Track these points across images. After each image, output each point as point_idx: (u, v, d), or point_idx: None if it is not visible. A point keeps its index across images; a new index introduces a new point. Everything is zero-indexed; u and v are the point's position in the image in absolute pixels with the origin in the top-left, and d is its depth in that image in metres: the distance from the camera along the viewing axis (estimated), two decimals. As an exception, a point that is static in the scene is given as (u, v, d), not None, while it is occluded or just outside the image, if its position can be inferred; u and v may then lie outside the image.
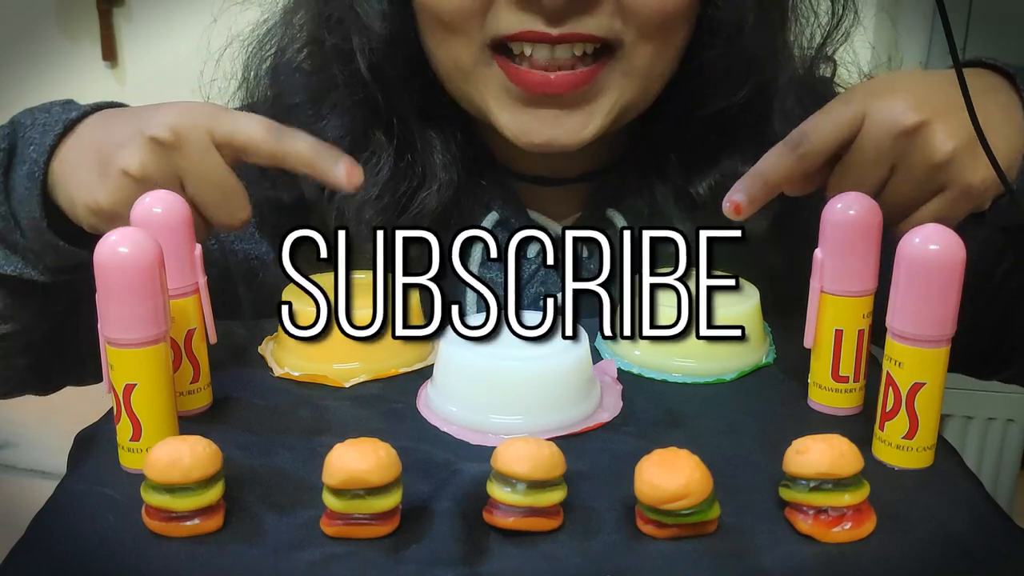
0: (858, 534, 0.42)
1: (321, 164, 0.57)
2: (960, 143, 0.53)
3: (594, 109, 0.62)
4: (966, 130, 0.53)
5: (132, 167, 0.56)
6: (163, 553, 0.41)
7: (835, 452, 0.41)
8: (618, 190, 0.71)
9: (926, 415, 0.47)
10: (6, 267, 0.62)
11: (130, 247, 0.44)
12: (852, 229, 0.50)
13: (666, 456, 0.41)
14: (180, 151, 0.56)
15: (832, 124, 0.56)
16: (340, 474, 0.40)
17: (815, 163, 0.57)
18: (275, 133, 0.57)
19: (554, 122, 0.62)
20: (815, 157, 0.56)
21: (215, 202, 0.58)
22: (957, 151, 0.53)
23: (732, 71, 0.65)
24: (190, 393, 0.52)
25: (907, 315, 0.46)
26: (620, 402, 0.54)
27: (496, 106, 0.63)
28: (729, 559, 0.41)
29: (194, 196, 0.57)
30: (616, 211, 0.71)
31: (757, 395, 0.56)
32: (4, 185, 0.60)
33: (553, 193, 0.72)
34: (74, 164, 0.59)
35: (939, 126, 0.53)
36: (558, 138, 0.62)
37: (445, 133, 0.68)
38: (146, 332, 0.45)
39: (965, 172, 0.54)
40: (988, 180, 0.54)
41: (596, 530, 0.42)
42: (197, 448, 0.42)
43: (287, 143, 0.57)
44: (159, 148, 0.56)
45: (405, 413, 0.53)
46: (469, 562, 0.40)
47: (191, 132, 0.56)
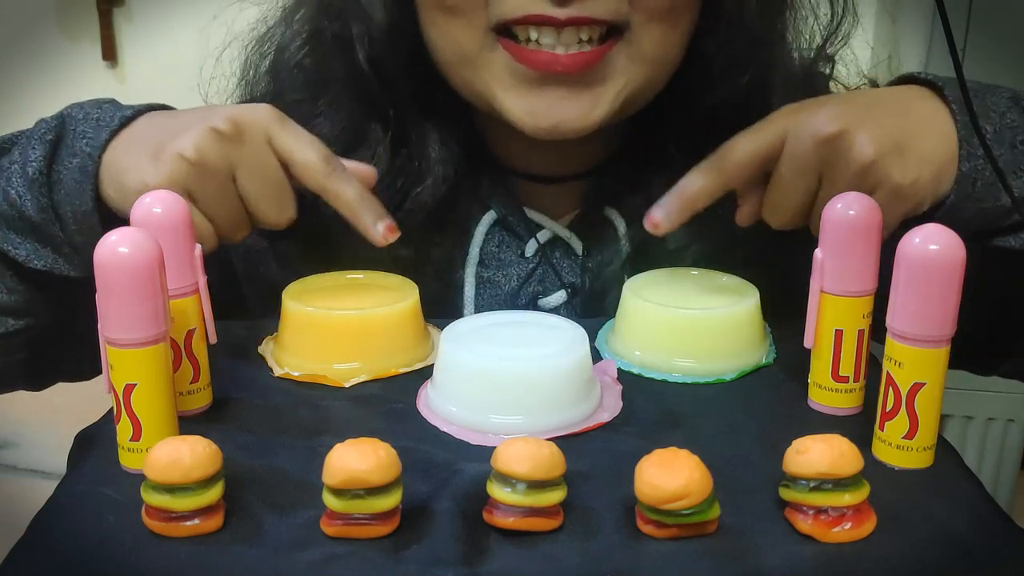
0: (858, 534, 0.42)
1: (363, 218, 0.59)
2: (882, 147, 0.54)
3: (602, 91, 0.61)
4: (889, 136, 0.54)
5: (188, 150, 0.56)
6: (163, 553, 0.41)
7: (835, 452, 0.41)
8: (615, 187, 0.71)
9: (926, 415, 0.47)
10: (36, 261, 0.61)
11: (130, 247, 0.44)
12: (852, 229, 0.50)
13: (666, 456, 0.41)
14: (238, 143, 0.57)
15: (751, 140, 0.57)
16: (340, 474, 0.40)
17: (736, 179, 0.58)
18: (328, 167, 0.58)
19: (561, 104, 0.61)
20: (735, 172, 0.57)
21: (266, 197, 0.58)
22: (880, 154, 0.54)
23: (733, 58, 0.65)
24: (190, 393, 0.52)
25: (907, 315, 0.46)
26: (620, 402, 0.54)
27: (501, 90, 0.62)
28: (729, 559, 0.41)
29: (245, 188, 0.58)
30: (614, 209, 0.71)
31: (757, 395, 0.56)
32: (47, 178, 0.60)
33: (550, 191, 0.72)
34: (126, 154, 0.59)
35: (859, 133, 0.54)
36: (565, 121, 0.61)
37: (443, 128, 0.68)
38: (146, 332, 0.45)
39: (893, 174, 0.55)
40: (920, 182, 0.55)
41: (596, 530, 0.42)
42: (197, 448, 0.42)
43: (336, 183, 0.58)
44: (218, 137, 0.56)
45: (405, 413, 0.53)
46: (469, 562, 0.40)
47: (252, 127, 0.57)
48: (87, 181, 0.58)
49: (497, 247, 0.71)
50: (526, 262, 0.71)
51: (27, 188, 0.59)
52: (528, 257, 0.71)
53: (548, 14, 0.58)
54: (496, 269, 0.71)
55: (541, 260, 0.71)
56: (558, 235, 0.72)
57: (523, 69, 0.60)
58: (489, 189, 0.71)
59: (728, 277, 0.63)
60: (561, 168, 0.71)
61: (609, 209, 0.71)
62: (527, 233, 0.71)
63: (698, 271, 0.64)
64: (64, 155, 0.60)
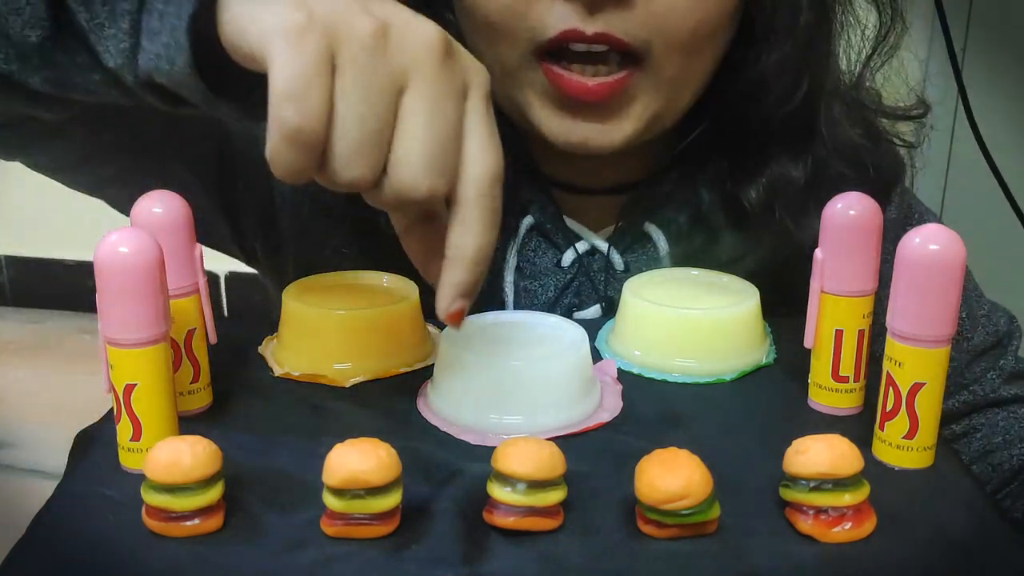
0: (858, 534, 0.42)
1: (450, 279, 0.45)
2: None
3: (624, 115, 0.64)
4: None
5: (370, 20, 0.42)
6: (163, 553, 0.41)
7: (835, 452, 0.41)
8: (655, 201, 0.72)
9: (926, 415, 0.47)
10: None
11: (130, 247, 0.44)
12: (852, 229, 0.50)
13: (666, 456, 0.41)
14: (443, 64, 0.43)
15: None
16: (340, 474, 0.40)
17: None
18: (488, 195, 0.45)
19: (591, 124, 0.64)
20: None
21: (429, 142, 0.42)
22: None
23: (784, 79, 0.65)
24: (190, 393, 0.52)
25: (907, 315, 0.46)
26: (620, 402, 0.54)
27: (539, 107, 0.64)
28: (729, 559, 0.41)
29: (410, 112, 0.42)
30: (653, 224, 0.71)
31: (757, 395, 0.56)
32: None
33: (590, 203, 0.72)
34: None
35: None
36: (591, 139, 0.64)
37: None
38: (146, 332, 0.45)
39: None
40: None
41: (596, 530, 0.42)
42: (197, 448, 0.42)
43: (472, 222, 0.45)
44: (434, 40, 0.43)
45: (405, 413, 0.53)
46: (469, 562, 0.40)
47: (467, 68, 0.45)
48: None
49: (533, 252, 0.72)
50: (563, 273, 0.71)
51: None
52: (565, 268, 0.71)
53: (578, 28, 0.59)
54: (532, 279, 0.71)
55: (578, 272, 0.71)
56: (596, 248, 0.72)
57: (557, 93, 0.63)
58: (529, 195, 0.71)
59: (728, 277, 0.63)
60: (601, 180, 0.72)
61: (649, 225, 0.71)
62: (564, 243, 0.71)
63: (698, 271, 0.64)
64: None
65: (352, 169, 0.42)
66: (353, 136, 0.41)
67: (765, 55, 0.65)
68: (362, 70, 0.41)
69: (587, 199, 0.72)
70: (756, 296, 0.59)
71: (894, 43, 0.70)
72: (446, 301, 0.44)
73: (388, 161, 0.42)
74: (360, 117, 0.41)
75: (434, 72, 0.43)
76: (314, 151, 0.41)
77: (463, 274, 0.44)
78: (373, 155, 0.42)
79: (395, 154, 0.42)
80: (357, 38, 0.42)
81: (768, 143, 0.68)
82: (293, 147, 0.41)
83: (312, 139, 0.41)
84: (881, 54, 0.70)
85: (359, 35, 0.42)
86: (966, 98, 0.49)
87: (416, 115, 0.42)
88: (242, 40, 0.43)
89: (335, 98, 0.41)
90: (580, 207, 0.73)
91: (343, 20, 0.42)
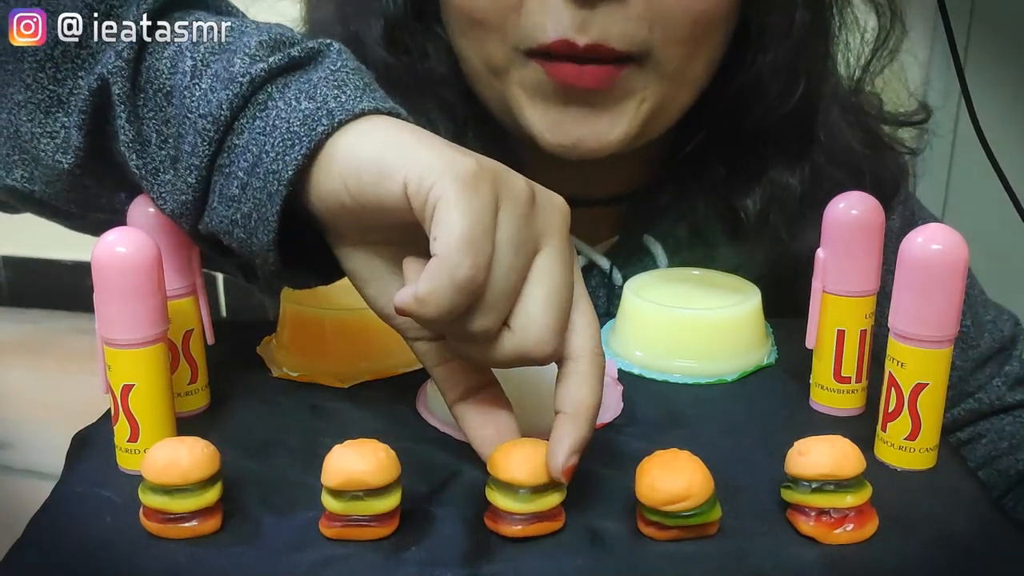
0: (860, 535, 0.41)
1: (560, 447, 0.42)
2: None
3: (621, 111, 0.61)
4: None
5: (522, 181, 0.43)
6: (161, 554, 0.41)
7: (837, 453, 0.41)
8: (654, 213, 0.70)
9: (928, 416, 0.47)
10: None
11: (128, 247, 0.44)
12: (854, 229, 0.50)
13: (667, 457, 0.41)
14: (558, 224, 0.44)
15: None
16: (339, 475, 0.40)
17: None
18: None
19: (583, 121, 0.61)
20: None
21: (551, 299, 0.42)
22: None
23: (780, 80, 0.64)
24: (188, 394, 0.52)
25: (909, 315, 0.46)
26: (621, 403, 0.54)
27: (528, 103, 0.61)
28: (730, 561, 0.41)
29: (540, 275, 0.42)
30: (652, 237, 0.70)
31: (759, 396, 0.56)
32: None
33: (586, 214, 0.71)
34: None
35: None
36: (585, 139, 0.61)
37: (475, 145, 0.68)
38: (144, 332, 0.45)
39: None
40: None
41: (597, 532, 0.42)
42: (195, 449, 0.42)
43: None
44: None
45: (405, 414, 0.53)
46: (469, 563, 0.40)
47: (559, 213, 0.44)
48: None
49: None
50: None
51: None
52: None
53: (570, 38, 0.57)
54: None
55: None
56: (595, 263, 0.71)
57: (550, 83, 0.60)
58: None
59: (729, 277, 0.63)
60: (596, 190, 0.70)
61: (648, 237, 0.70)
62: None
63: (699, 271, 0.64)
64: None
65: (486, 319, 0.41)
66: (500, 288, 0.40)
67: (761, 56, 0.64)
68: (519, 226, 0.41)
69: (583, 211, 0.71)
70: (758, 296, 0.59)
71: (894, 47, 0.69)
72: (563, 457, 0.41)
73: (510, 317, 0.42)
74: (510, 269, 0.41)
75: (566, 237, 0.44)
76: (475, 299, 0.40)
77: (583, 430, 0.42)
78: (507, 309, 0.41)
79: (525, 311, 0.41)
80: (517, 194, 0.42)
81: (765, 149, 0.67)
82: (462, 294, 0.39)
83: (479, 288, 0.40)
84: (880, 58, 0.69)
85: (519, 191, 0.42)
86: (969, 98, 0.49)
87: (552, 276, 0.42)
88: (373, 166, 0.42)
89: None
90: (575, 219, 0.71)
91: (501, 174, 0.42)
